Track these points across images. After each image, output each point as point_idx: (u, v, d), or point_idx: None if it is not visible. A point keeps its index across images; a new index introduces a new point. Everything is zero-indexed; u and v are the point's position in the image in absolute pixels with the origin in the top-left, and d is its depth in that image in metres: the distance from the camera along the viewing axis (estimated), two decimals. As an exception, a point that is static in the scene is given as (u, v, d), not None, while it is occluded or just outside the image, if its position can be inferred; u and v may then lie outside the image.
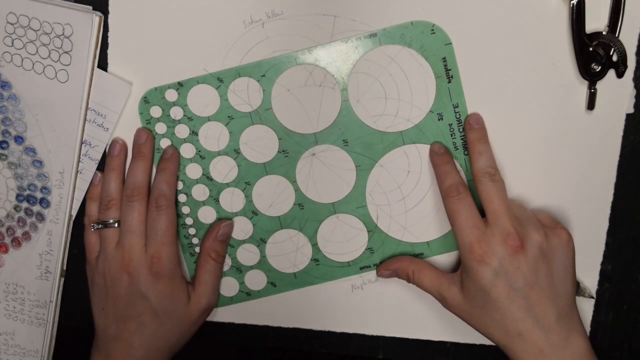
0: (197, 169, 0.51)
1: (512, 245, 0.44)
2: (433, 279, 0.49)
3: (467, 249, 0.45)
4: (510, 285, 0.44)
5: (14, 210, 0.53)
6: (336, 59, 0.48)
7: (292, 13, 0.48)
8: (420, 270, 0.49)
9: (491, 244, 0.44)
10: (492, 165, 0.47)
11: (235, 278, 0.53)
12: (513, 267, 0.44)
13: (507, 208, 0.45)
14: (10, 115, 0.51)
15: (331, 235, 0.52)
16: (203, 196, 0.52)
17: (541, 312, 0.44)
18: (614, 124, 0.49)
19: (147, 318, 0.49)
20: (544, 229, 0.46)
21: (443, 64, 0.48)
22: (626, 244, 0.51)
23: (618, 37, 0.47)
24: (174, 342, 0.51)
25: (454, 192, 0.47)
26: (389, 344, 0.54)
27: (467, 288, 0.46)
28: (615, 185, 0.50)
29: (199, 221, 0.52)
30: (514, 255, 0.44)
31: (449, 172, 0.48)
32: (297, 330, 0.55)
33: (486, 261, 0.44)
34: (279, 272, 0.53)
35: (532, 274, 0.44)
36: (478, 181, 0.47)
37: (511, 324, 0.44)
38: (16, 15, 0.49)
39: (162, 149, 0.51)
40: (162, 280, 0.49)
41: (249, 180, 0.51)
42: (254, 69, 0.49)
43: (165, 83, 0.49)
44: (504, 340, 0.45)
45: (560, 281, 0.45)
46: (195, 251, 0.53)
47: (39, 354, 0.55)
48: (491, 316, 0.45)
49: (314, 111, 0.49)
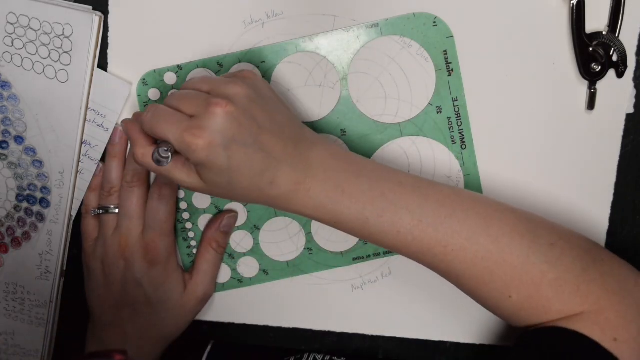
0: None
1: (221, 110, 0.39)
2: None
3: (187, 145, 0.39)
4: (243, 146, 0.40)
5: (14, 210, 0.53)
6: (337, 48, 0.48)
7: (292, 13, 0.48)
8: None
9: (204, 124, 0.39)
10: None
11: (228, 264, 0.54)
12: (235, 126, 0.40)
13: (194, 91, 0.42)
14: (10, 115, 0.51)
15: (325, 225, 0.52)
16: None
17: (277, 149, 0.41)
18: (614, 124, 0.49)
19: (141, 306, 0.49)
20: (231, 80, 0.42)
21: (444, 56, 0.48)
22: (626, 244, 0.51)
23: (618, 37, 0.47)
24: (168, 331, 0.51)
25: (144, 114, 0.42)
26: (389, 344, 0.54)
27: (207, 177, 0.42)
28: (615, 185, 0.50)
29: (193, 206, 0.52)
30: (228, 116, 0.40)
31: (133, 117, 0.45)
32: (297, 330, 0.55)
33: (212, 143, 0.39)
34: (272, 260, 0.53)
35: (252, 121, 0.40)
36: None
37: (260, 179, 0.41)
38: (16, 15, 0.49)
39: None
40: (157, 268, 0.49)
41: None
42: (255, 55, 0.49)
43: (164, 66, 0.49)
44: (264, 198, 0.43)
45: (276, 111, 0.42)
46: (188, 236, 0.53)
47: (39, 354, 0.55)
48: (239, 185, 0.42)
49: (315, 101, 0.49)
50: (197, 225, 0.53)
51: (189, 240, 0.53)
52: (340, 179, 0.43)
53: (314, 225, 0.52)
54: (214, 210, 0.52)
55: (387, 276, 0.53)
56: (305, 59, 0.49)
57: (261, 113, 0.41)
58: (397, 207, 0.42)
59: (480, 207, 0.43)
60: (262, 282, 0.54)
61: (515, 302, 0.43)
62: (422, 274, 0.53)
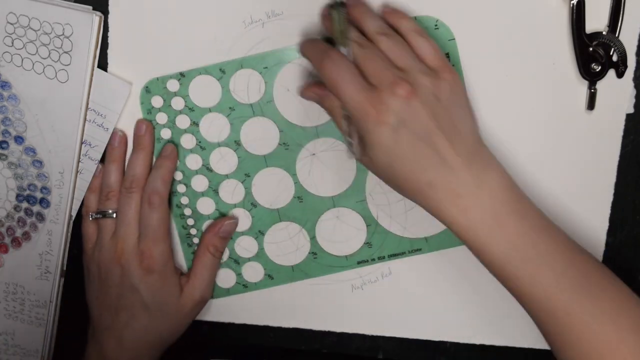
0: (197, 159, 0.51)
1: (404, 94, 0.40)
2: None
3: (361, 113, 0.41)
4: (412, 136, 0.40)
5: (14, 210, 0.53)
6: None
7: (292, 13, 0.48)
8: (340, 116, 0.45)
9: (383, 100, 0.40)
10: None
11: (233, 270, 0.53)
12: (410, 115, 0.40)
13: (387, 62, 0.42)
14: (10, 115, 0.51)
15: (330, 229, 0.52)
16: (202, 187, 0.52)
17: (448, 155, 0.41)
18: (614, 124, 0.49)
19: (137, 311, 0.49)
20: (430, 72, 0.42)
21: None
22: (626, 244, 0.51)
23: (618, 37, 0.47)
24: (166, 336, 0.51)
25: (327, 59, 0.42)
26: (389, 344, 0.54)
27: (370, 151, 0.42)
28: (615, 185, 0.50)
29: (198, 212, 0.52)
30: (409, 103, 0.40)
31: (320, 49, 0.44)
32: (297, 330, 0.55)
33: (384, 120, 0.40)
34: (277, 265, 0.53)
35: (431, 119, 0.41)
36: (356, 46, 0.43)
37: (421, 175, 0.41)
38: (16, 15, 0.49)
39: (163, 140, 0.51)
40: (153, 275, 0.49)
41: (249, 172, 0.51)
42: (257, 61, 0.49)
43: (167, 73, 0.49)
44: (418, 194, 0.42)
45: (461, 120, 0.42)
46: (193, 242, 0.53)
47: (39, 354, 0.55)
48: (399, 172, 0.42)
49: (315, 105, 0.49)
50: (201, 231, 0.53)
51: (193, 246, 0.53)
52: (504, 213, 0.41)
53: (318, 229, 0.52)
54: (218, 216, 0.52)
55: (387, 276, 0.53)
56: (306, 62, 0.49)
57: (444, 115, 0.41)
58: (542, 261, 0.41)
59: (616, 291, 0.42)
60: (267, 286, 0.54)
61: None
62: (422, 274, 0.53)
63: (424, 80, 0.41)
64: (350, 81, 0.41)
